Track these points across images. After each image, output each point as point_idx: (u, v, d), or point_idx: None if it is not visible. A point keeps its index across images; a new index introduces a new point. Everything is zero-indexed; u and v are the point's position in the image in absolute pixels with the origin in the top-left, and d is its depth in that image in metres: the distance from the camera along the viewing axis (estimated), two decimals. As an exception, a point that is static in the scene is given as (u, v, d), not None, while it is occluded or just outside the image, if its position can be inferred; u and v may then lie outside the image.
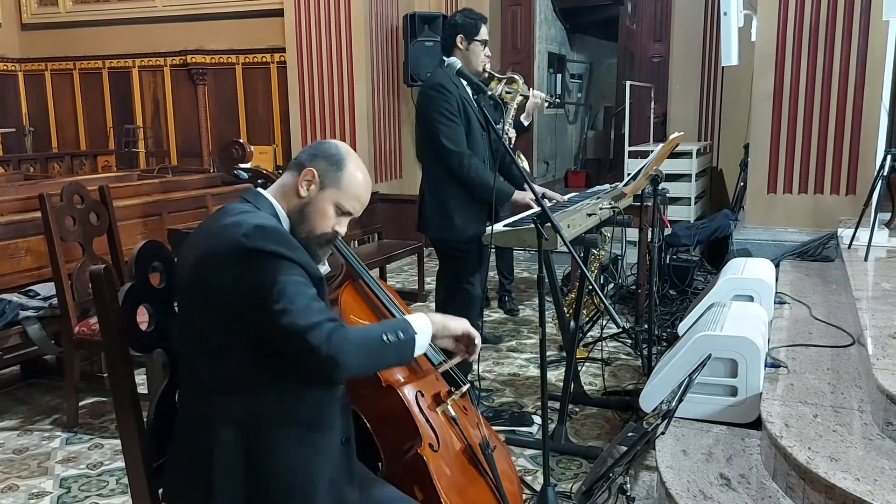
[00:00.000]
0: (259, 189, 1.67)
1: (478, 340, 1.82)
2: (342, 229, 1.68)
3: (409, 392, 1.83)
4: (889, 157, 4.03)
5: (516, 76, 4.35)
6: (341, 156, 1.65)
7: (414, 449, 1.76)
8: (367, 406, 1.82)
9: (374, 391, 1.80)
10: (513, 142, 4.39)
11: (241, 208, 1.60)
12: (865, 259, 4.03)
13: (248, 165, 2.31)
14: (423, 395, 1.86)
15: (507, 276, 5.20)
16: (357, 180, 1.66)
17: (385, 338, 1.56)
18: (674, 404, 1.91)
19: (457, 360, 1.90)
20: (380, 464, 1.84)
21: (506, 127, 4.22)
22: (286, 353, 1.50)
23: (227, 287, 1.48)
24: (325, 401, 1.60)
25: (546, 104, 4.42)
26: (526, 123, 4.48)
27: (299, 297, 1.48)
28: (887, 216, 4.68)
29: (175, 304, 1.67)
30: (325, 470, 1.57)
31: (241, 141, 3.80)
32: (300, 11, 7.37)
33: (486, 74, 4.37)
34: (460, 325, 1.79)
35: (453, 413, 1.90)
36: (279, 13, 7.56)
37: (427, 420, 1.83)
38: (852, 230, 4.30)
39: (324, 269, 1.83)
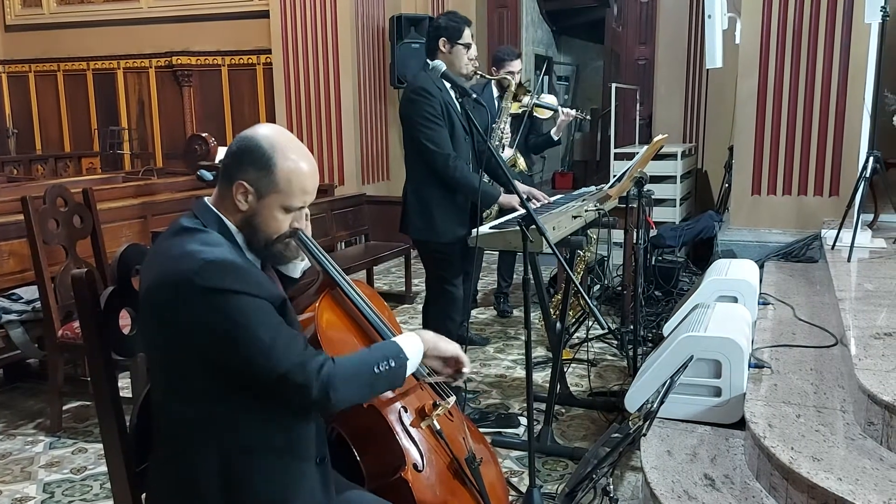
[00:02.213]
0: (206, 200, 1.57)
1: (466, 367, 1.79)
2: (301, 223, 1.58)
3: (391, 412, 1.78)
4: (871, 158, 4.06)
5: (510, 79, 4.39)
6: (268, 154, 1.49)
7: (398, 473, 1.73)
8: (350, 426, 1.78)
9: (356, 412, 1.74)
10: (505, 145, 4.42)
11: (191, 227, 1.51)
12: (848, 260, 4.06)
13: (215, 161, 2.22)
14: (406, 411, 1.81)
15: (505, 280, 5.22)
16: (298, 172, 1.51)
17: (377, 368, 1.54)
18: (655, 405, 1.92)
19: (439, 380, 1.85)
20: (363, 480, 1.81)
21: (503, 126, 4.25)
22: (270, 394, 1.46)
23: (184, 326, 1.43)
24: (299, 426, 1.56)
25: (577, 120, 4.52)
26: (556, 138, 4.58)
27: (276, 336, 1.43)
28: (870, 217, 4.72)
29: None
30: (303, 495, 1.55)
31: (203, 135, 3.71)
32: (286, 13, 7.35)
33: (518, 85, 4.45)
34: (451, 347, 1.76)
35: (438, 427, 1.86)
36: (265, 15, 7.54)
37: (411, 438, 1.78)
38: (836, 231, 4.34)
39: (303, 264, 1.75)
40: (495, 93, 4.57)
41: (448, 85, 3.21)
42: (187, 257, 1.44)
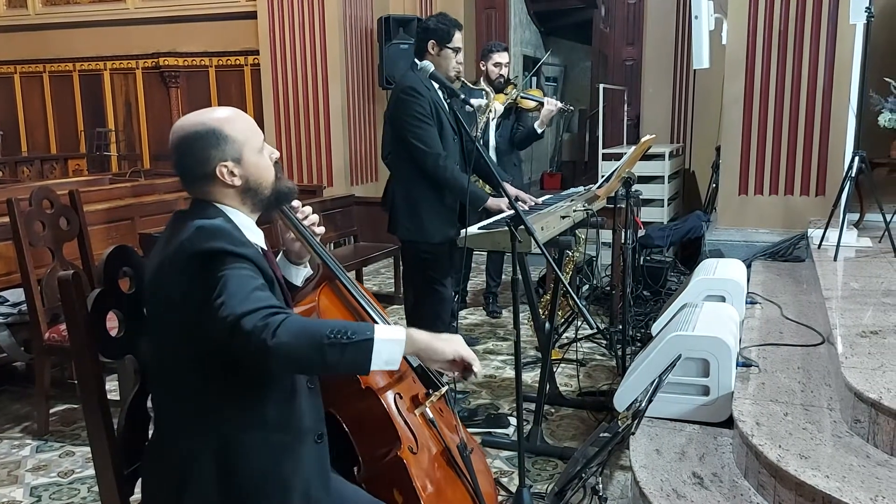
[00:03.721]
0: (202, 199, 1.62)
1: (476, 367, 1.62)
2: (274, 153, 1.67)
3: (388, 395, 1.82)
4: (857, 158, 4.09)
5: (513, 81, 4.42)
6: (211, 131, 1.56)
7: (393, 452, 1.76)
8: (345, 409, 1.80)
9: (352, 394, 1.78)
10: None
11: (189, 211, 1.59)
12: (835, 259, 4.09)
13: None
14: (401, 398, 1.85)
15: (494, 279, 5.22)
16: (238, 123, 1.60)
17: (330, 333, 1.40)
18: (644, 404, 1.93)
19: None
20: (356, 468, 1.83)
21: (477, 133, 4.25)
22: (228, 347, 1.41)
23: (179, 297, 1.47)
24: (293, 401, 1.58)
25: (562, 113, 4.49)
26: (540, 131, 4.54)
27: (241, 286, 1.42)
28: (856, 216, 4.75)
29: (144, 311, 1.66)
30: (298, 473, 1.56)
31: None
32: (274, 14, 7.33)
33: (503, 80, 4.46)
34: (452, 347, 1.59)
35: (431, 415, 1.90)
36: (253, 16, 7.52)
37: (406, 422, 1.82)
38: (822, 230, 4.37)
39: (305, 271, 1.88)
40: (483, 101, 4.56)
41: (437, 85, 3.21)
42: (185, 231, 1.50)
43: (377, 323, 1.86)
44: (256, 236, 1.63)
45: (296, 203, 1.78)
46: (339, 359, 1.42)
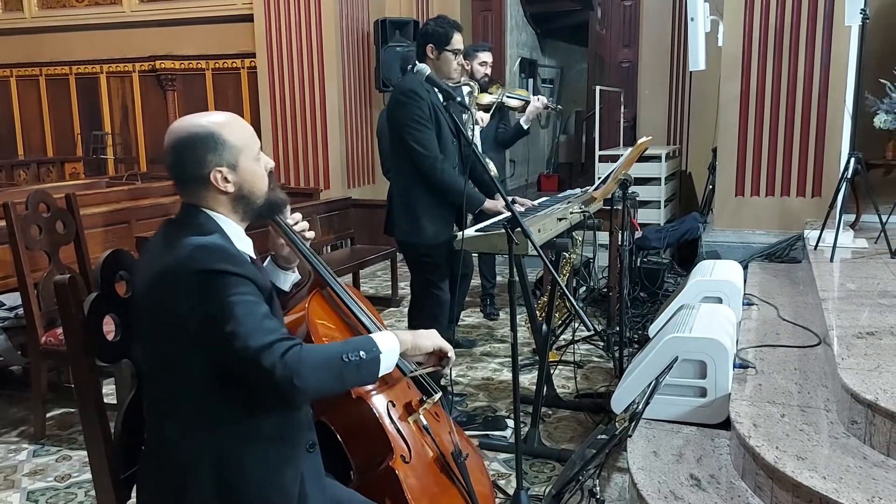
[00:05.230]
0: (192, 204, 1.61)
1: (451, 354, 1.79)
2: (269, 162, 1.66)
3: (379, 403, 1.81)
4: (853, 159, 4.10)
5: (498, 81, 4.42)
6: (210, 134, 1.55)
7: (386, 462, 1.75)
8: (337, 418, 1.80)
9: (343, 403, 1.77)
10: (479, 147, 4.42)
11: (181, 222, 1.57)
12: (831, 260, 4.09)
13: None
14: (394, 406, 1.84)
15: (489, 281, 5.22)
16: (237, 128, 1.59)
17: (345, 357, 1.52)
18: (641, 406, 1.93)
19: (428, 370, 1.87)
20: (350, 473, 1.83)
21: (473, 131, 4.24)
22: (242, 376, 1.47)
23: (180, 314, 1.46)
24: (286, 411, 1.58)
25: (547, 110, 4.48)
26: (525, 127, 4.55)
27: (249, 317, 1.44)
28: (852, 217, 4.76)
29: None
30: (294, 483, 1.56)
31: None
32: (270, 17, 7.34)
33: (488, 79, 4.45)
34: (431, 341, 1.75)
35: (425, 422, 1.89)
36: (249, 19, 7.53)
37: (399, 431, 1.81)
38: (818, 232, 4.37)
39: (293, 276, 1.86)
40: (465, 90, 4.56)
41: (435, 89, 3.20)
42: (180, 247, 1.48)
43: (369, 329, 1.86)
44: (245, 245, 1.63)
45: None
46: (356, 378, 1.57)
